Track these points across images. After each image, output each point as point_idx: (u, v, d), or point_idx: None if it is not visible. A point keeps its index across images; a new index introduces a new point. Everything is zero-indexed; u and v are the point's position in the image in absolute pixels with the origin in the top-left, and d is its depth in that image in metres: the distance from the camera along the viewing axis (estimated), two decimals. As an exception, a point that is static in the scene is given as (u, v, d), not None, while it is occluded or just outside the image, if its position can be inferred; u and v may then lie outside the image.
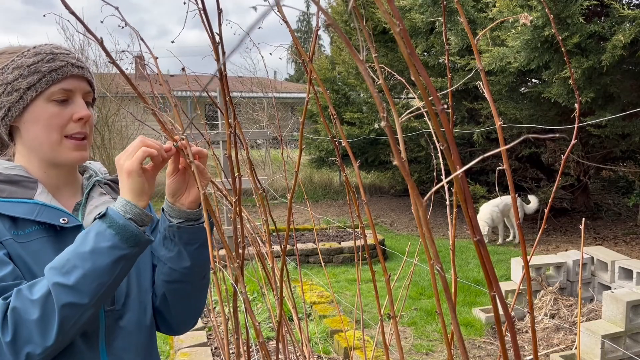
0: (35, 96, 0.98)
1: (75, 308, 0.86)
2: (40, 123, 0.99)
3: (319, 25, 0.86)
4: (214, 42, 0.81)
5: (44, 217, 0.97)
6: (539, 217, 8.29)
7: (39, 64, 0.98)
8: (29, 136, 1.01)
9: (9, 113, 0.99)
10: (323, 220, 8.12)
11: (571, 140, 0.97)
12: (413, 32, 7.89)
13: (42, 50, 1.00)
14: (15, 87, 0.97)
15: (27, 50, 1.00)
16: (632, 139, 6.67)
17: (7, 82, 0.98)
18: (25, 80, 0.97)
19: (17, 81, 0.97)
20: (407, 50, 0.48)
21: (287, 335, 1.60)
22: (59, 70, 0.99)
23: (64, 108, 1.00)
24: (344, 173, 1.00)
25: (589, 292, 4.62)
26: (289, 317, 3.45)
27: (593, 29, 5.49)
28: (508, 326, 0.58)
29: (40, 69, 0.98)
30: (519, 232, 0.80)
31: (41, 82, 0.98)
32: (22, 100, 0.98)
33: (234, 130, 0.92)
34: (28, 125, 1.00)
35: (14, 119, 0.99)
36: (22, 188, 0.99)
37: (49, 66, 0.98)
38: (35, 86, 0.97)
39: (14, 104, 0.98)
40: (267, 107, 12.67)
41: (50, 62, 0.99)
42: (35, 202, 0.98)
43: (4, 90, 0.98)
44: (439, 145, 1.02)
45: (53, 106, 0.99)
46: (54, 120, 0.99)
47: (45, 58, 0.99)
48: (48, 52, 1.00)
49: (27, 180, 1.01)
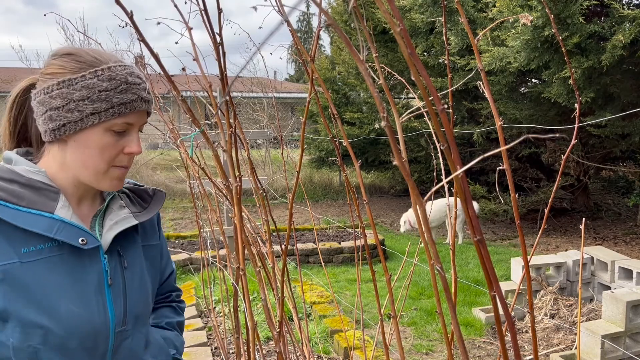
0: (96, 123, 0.93)
1: None
2: (92, 149, 0.94)
3: (320, 26, 0.86)
4: (214, 43, 0.81)
5: (62, 236, 0.92)
6: (539, 217, 8.30)
7: (111, 92, 0.92)
8: (75, 156, 0.96)
9: (62, 128, 0.93)
10: (323, 220, 8.12)
11: (571, 140, 0.98)
12: (413, 32, 7.90)
13: (117, 75, 0.94)
14: (79, 107, 0.92)
15: (102, 71, 0.93)
16: (632, 139, 6.67)
17: (71, 99, 0.92)
18: (92, 105, 0.92)
19: (83, 102, 0.92)
20: (407, 50, 0.48)
21: (287, 335, 1.60)
22: (129, 104, 0.94)
23: (119, 139, 0.96)
24: (344, 173, 1.00)
25: (589, 292, 4.62)
26: (289, 317, 3.45)
27: (593, 29, 5.49)
28: (508, 326, 0.58)
29: (111, 99, 0.92)
30: (519, 232, 0.80)
31: (107, 112, 0.93)
32: (82, 122, 0.92)
33: (234, 130, 0.92)
34: (78, 145, 0.95)
35: (65, 135, 0.94)
36: (43, 197, 0.94)
37: (120, 98, 0.93)
38: (100, 114, 0.92)
39: (72, 123, 0.92)
40: (267, 107, 12.68)
41: (123, 94, 0.93)
42: (56, 217, 0.93)
43: (64, 105, 0.92)
44: (439, 145, 1.02)
45: (109, 136, 0.95)
46: (107, 151, 0.95)
47: (119, 87, 0.93)
48: (123, 81, 0.94)
49: (49, 189, 0.95)
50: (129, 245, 1.04)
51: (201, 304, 4.50)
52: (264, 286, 0.93)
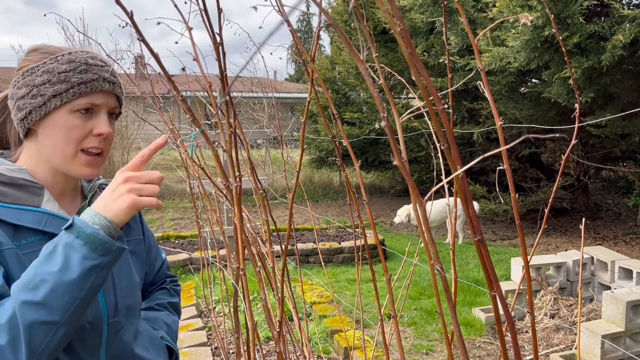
0: (59, 105, 0.95)
1: (45, 326, 0.80)
2: (59, 132, 0.96)
3: (320, 26, 0.86)
4: (214, 43, 0.81)
5: (51, 228, 0.94)
6: (539, 217, 8.30)
7: (70, 73, 0.95)
8: (45, 142, 0.97)
9: (29, 116, 0.96)
10: (323, 220, 8.12)
11: (571, 140, 0.98)
12: (413, 32, 7.90)
13: (76, 58, 0.97)
14: (41, 91, 0.94)
15: (62, 55, 0.96)
16: (632, 139, 6.67)
17: (33, 85, 0.95)
18: (53, 87, 0.94)
19: (44, 86, 0.94)
20: (407, 50, 0.48)
21: (287, 335, 1.60)
22: (89, 83, 0.96)
23: (86, 121, 0.97)
24: (344, 173, 1.00)
25: (589, 292, 4.62)
26: (289, 317, 3.45)
27: (593, 29, 5.50)
28: (508, 326, 0.58)
29: (70, 79, 0.95)
30: (519, 232, 0.80)
31: (68, 92, 0.95)
32: (45, 107, 0.95)
33: (234, 130, 0.92)
34: (46, 131, 0.97)
35: (34, 122, 0.96)
36: (28, 194, 0.96)
37: (79, 77, 0.95)
38: (61, 95, 0.94)
39: (36, 108, 0.95)
40: (267, 107, 12.68)
41: (82, 74, 0.96)
42: (43, 210, 0.95)
43: (28, 92, 0.95)
44: (439, 145, 1.02)
45: (75, 117, 0.96)
46: (74, 132, 0.96)
47: (78, 68, 0.96)
48: (82, 62, 0.96)
49: (32, 185, 0.97)
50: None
51: (201, 304, 4.50)
52: (264, 286, 0.93)
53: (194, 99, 1.85)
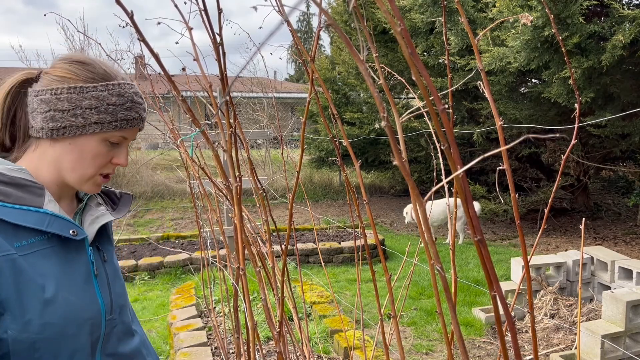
0: (97, 132, 0.98)
1: None
2: (85, 155, 0.99)
3: (320, 26, 0.86)
4: (214, 43, 0.81)
5: (54, 229, 0.95)
6: (539, 217, 8.30)
7: (118, 107, 0.99)
8: (66, 157, 0.99)
9: (62, 129, 0.97)
10: (323, 220, 8.12)
11: (571, 140, 0.98)
12: (413, 32, 7.90)
13: (125, 92, 1.00)
14: (86, 114, 0.97)
15: (113, 85, 0.99)
16: (632, 139, 6.67)
17: (79, 105, 0.97)
18: (98, 115, 0.97)
19: (90, 111, 0.97)
20: (408, 50, 0.48)
21: (287, 335, 1.60)
22: (131, 121, 1.01)
23: (111, 149, 1.02)
24: (344, 173, 1.00)
25: (588, 292, 4.62)
26: (289, 317, 3.45)
27: (593, 29, 5.49)
28: (508, 326, 0.58)
29: (117, 114, 0.99)
30: (519, 232, 0.80)
31: (110, 124, 0.98)
32: (83, 129, 0.97)
33: (234, 130, 0.92)
34: (72, 148, 0.99)
35: (63, 136, 0.98)
36: (30, 194, 0.96)
37: (125, 114, 1.00)
38: (102, 124, 0.98)
39: (74, 127, 0.97)
40: (267, 107, 12.68)
41: (127, 110, 1.00)
42: (46, 211, 0.96)
43: (71, 109, 0.97)
44: (439, 145, 1.02)
45: (104, 146, 1.00)
46: (98, 159, 1.01)
47: (126, 104, 1.00)
48: (129, 99, 1.01)
49: (34, 185, 0.98)
50: (105, 241, 1.11)
51: (201, 304, 4.50)
52: (264, 286, 0.93)
53: (194, 99, 1.85)
